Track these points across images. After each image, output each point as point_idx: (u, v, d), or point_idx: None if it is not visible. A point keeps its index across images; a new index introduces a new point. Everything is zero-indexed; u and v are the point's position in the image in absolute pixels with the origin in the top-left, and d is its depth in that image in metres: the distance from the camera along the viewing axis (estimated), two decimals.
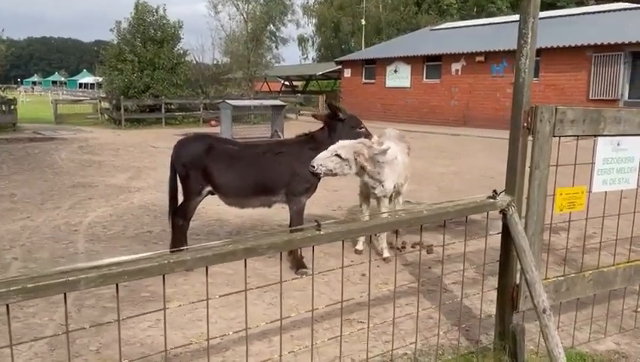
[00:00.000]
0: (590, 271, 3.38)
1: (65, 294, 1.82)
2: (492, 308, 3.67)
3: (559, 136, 3.07)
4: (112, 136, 18.38)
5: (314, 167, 4.58)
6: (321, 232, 2.27)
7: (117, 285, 1.92)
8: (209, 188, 4.78)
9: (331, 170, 4.62)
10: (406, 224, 2.59)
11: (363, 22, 39.55)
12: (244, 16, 30.28)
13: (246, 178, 4.74)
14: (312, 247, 2.34)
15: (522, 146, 3.00)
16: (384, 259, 5.27)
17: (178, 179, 4.90)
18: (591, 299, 3.74)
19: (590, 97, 17.84)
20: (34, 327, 3.75)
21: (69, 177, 9.95)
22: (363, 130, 5.10)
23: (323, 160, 4.59)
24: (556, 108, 3.00)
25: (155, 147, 14.93)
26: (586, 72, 17.85)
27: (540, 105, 2.94)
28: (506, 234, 3.04)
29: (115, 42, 24.33)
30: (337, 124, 5.03)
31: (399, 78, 24.74)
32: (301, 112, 27.96)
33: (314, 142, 4.95)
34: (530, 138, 3.02)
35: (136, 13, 23.78)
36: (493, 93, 20.81)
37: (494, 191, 2.99)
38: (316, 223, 2.30)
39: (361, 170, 4.85)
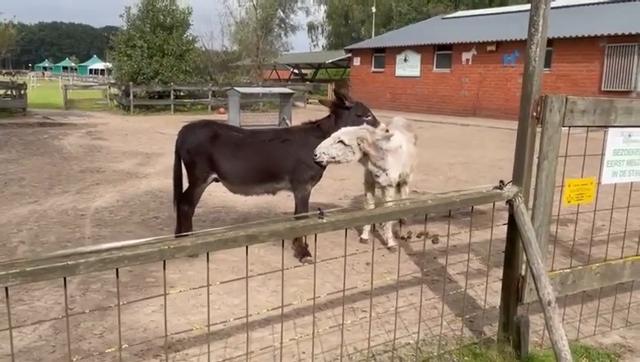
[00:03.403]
0: (597, 264, 3.33)
1: (65, 279, 1.81)
2: (497, 300, 3.65)
3: (569, 127, 3.01)
4: (121, 122, 18.43)
5: (316, 155, 4.53)
6: (324, 221, 2.25)
7: (117, 270, 1.91)
8: (214, 175, 4.76)
9: (334, 158, 4.56)
10: (411, 213, 2.55)
11: (373, 9, 39.20)
12: (254, 2, 30.09)
13: (251, 165, 4.72)
14: (314, 236, 2.32)
15: (531, 136, 2.95)
16: (389, 249, 5.24)
17: (183, 165, 4.90)
18: (597, 292, 3.71)
19: (603, 88, 17.59)
20: (39, 310, 3.77)
21: (77, 162, 9.99)
22: (370, 118, 5.05)
23: (326, 148, 4.54)
24: (566, 98, 2.94)
25: (163, 133, 14.94)
26: (598, 62, 17.57)
27: (549, 95, 2.89)
28: (512, 225, 3.00)
29: (125, 28, 24.30)
30: (343, 112, 4.98)
31: (409, 67, 24.53)
32: (309, 101, 27.87)
33: (320, 130, 4.91)
34: (538, 128, 2.97)
35: None
36: (504, 84, 20.59)
37: (501, 181, 2.95)
38: (319, 211, 2.27)
39: (365, 157, 4.81)
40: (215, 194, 6.96)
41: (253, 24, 29.74)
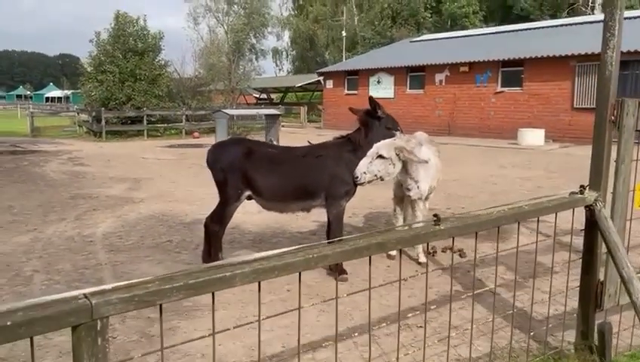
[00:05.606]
0: None
1: (213, 293, 1.66)
2: (545, 310, 3.63)
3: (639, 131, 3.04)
4: (95, 148, 17.92)
5: (357, 177, 4.44)
6: (442, 227, 2.16)
7: (259, 283, 1.78)
8: (248, 193, 4.60)
9: (376, 175, 4.50)
10: (512, 219, 2.50)
11: (344, 33, 39.76)
12: (225, 28, 30.07)
13: (288, 182, 4.59)
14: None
15: (608, 140, 2.95)
16: (420, 264, 5.18)
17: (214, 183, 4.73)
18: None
19: (575, 105, 18.20)
20: (63, 345, 3.51)
21: (65, 189, 9.58)
22: (400, 131, 5.02)
23: (365, 166, 4.46)
24: (639, 102, 2.97)
25: (145, 158, 14.59)
26: (569, 81, 18.18)
27: (625, 98, 2.91)
28: (591, 231, 2.98)
29: (94, 53, 23.81)
30: (374, 124, 4.92)
31: (382, 88, 24.85)
32: (282, 124, 27.85)
33: (351, 144, 4.85)
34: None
35: (117, 24, 23.39)
36: (478, 103, 21.07)
37: (582, 186, 2.93)
38: (435, 217, 2.19)
39: (403, 169, 4.77)
40: None
41: (225, 49, 29.69)
